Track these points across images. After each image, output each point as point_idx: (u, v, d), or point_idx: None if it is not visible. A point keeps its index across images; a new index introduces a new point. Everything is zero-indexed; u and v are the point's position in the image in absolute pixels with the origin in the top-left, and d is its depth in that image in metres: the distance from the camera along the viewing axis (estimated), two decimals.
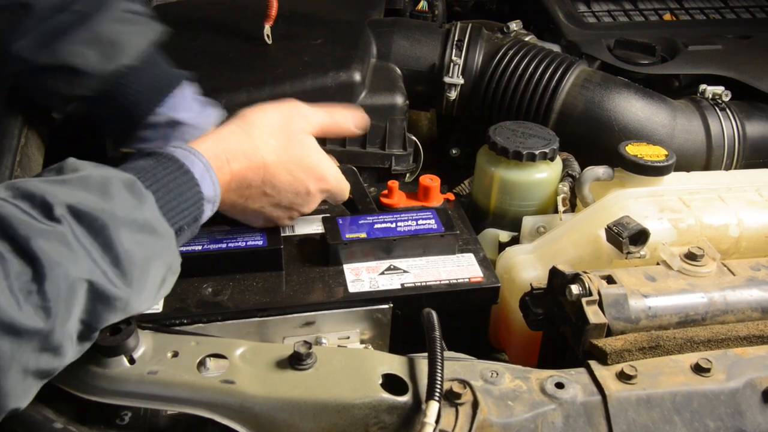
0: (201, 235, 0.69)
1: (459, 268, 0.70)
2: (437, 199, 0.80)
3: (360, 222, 0.72)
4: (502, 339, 0.77)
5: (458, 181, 0.87)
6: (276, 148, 0.64)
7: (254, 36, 0.90)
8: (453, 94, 0.91)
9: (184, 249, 0.66)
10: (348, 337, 0.67)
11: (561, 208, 0.79)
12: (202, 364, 0.54)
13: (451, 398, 0.52)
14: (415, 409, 0.52)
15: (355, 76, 0.84)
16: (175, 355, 0.54)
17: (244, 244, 0.68)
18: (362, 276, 0.68)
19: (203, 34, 0.90)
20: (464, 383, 0.54)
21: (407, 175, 0.89)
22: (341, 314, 0.66)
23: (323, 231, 0.70)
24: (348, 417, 0.52)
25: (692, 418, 0.53)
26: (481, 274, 0.69)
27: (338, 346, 0.65)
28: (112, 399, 0.52)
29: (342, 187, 0.71)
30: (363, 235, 0.70)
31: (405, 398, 0.52)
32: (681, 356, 0.57)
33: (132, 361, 0.53)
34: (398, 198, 0.80)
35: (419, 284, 0.67)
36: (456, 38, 0.91)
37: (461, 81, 0.90)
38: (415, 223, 0.72)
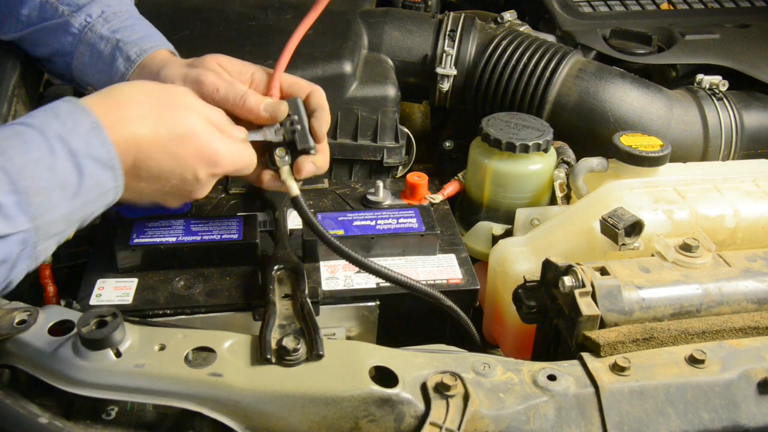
0: (176, 226, 0.68)
1: (438, 269, 0.69)
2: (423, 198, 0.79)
3: (339, 219, 0.71)
4: (496, 333, 0.77)
5: (451, 174, 0.86)
6: (154, 122, 0.53)
7: (243, 27, 0.89)
8: (445, 86, 0.90)
9: (158, 240, 0.66)
10: (334, 334, 0.67)
11: (559, 194, 0.78)
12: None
13: (441, 390, 0.52)
14: (406, 402, 0.51)
15: (346, 68, 0.83)
16: (162, 348, 0.53)
17: (219, 237, 0.67)
18: (338, 274, 0.67)
19: (191, 25, 0.89)
20: (455, 375, 0.53)
21: (399, 168, 0.89)
22: (327, 311, 0.65)
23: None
24: (337, 410, 0.51)
25: (686, 409, 0.53)
26: (460, 276, 0.69)
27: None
28: (98, 393, 0.52)
29: (244, 164, 0.61)
30: (341, 232, 0.69)
31: (395, 390, 0.52)
32: (675, 348, 0.57)
33: (118, 354, 0.52)
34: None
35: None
36: (448, 28, 0.90)
37: (454, 72, 0.89)
38: (395, 221, 0.71)
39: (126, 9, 0.74)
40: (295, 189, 0.63)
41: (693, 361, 0.55)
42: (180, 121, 0.55)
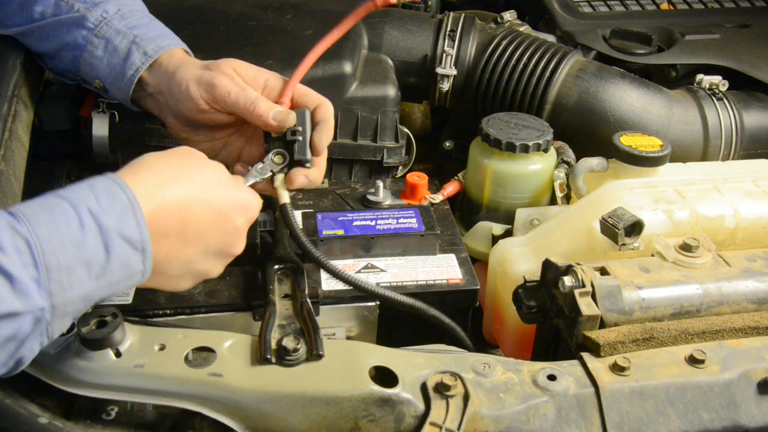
0: None
1: (438, 269, 0.69)
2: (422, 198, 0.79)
3: (339, 219, 0.72)
4: (496, 334, 0.77)
5: (451, 175, 0.86)
6: (187, 181, 0.53)
7: (243, 27, 0.89)
8: (445, 86, 0.90)
9: None
10: (334, 334, 0.67)
11: (559, 194, 0.78)
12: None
13: (441, 390, 0.52)
14: (406, 402, 0.51)
15: (346, 68, 0.83)
16: (162, 348, 0.54)
17: None
18: None
19: (191, 25, 0.89)
20: (455, 375, 0.53)
21: (399, 168, 0.89)
22: (327, 311, 0.65)
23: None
24: (337, 410, 0.51)
25: (686, 409, 0.53)
26: (460, 276, 0.69)
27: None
28: (98, 393, 0.52)
29: (261, 205, 0.61)
30: (341, 232, 0.69)
31: (395, 390, 0.52)
32: (675, 348, 0.57)
33: (118, 354, 0.52)
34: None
35: (395, 284, 0.67)
36: (448, 28, 0.90)
37: (454, 72, 0.89)
38: (395, 221, 0.71)
39: (140, 8, 0.74)
40: (285, 197, 0.63)
41: (693, 361, 0.55)
42: (208, 176, 0.55)
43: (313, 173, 0.65)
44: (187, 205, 0.52)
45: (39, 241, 0.44)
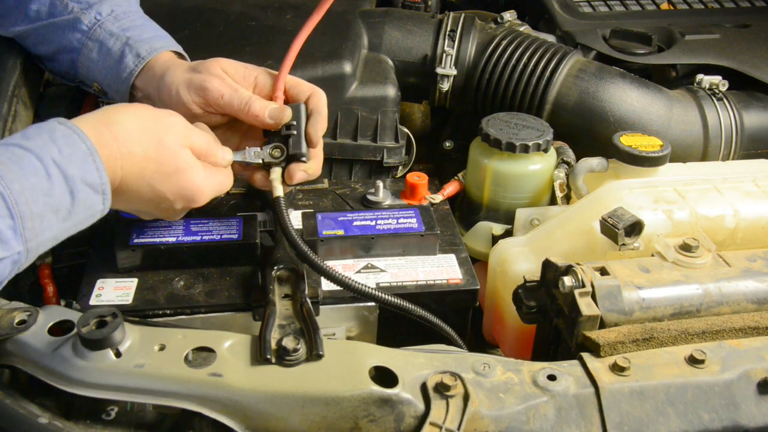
0: (176, 226, 0.68)
1: (438, 269, 0.69)
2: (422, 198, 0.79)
3: (339, 219, 0.72)
4: (496, 334, 0.77)
5: (451, 175, 0.86)
6: (143, 159, 0.56)
7: (243, 27, 0.89)
8: (445, 86, 0.90)
9: (157, 240, 0.66)
10: (334, 334, 0.67)
11: (559, 194, 0.78)
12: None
13: (441, 390, 0.52)
14: (406, 402, 0.51)
15: (346, 68, 0.83)
16: (162, 348, 0.54)
17: (219, 237, 0.68)
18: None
19: (191, 25, 0.90)
20: (455, 375, 0.53)
21: (399, 168, 0.89)
22: (327, 311, 0.65)
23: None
24: (337, 410, 0.51)
25: (686, 409, 0.53)
26: (460, 276, 0.69)
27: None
28: (98, 393, 0.52)
29: (222, 192, 0.63)
30: (341, 232, 0.69)
31: (395, 390, 0.52)
32: (675, 348, 0.57)
33: (118, 354, 0.52)
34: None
35: (395, 284, 0.67)
36: (448, 28, 0.90)
37: (454, 72, 0.89)
38: (395, 221, 0.71)
39: (134, 9, 0.74)
40: (278, 190, 0.64)
41: (693, 361, 0.55)
42: (168, 161, 0.57)
43: (311, 166, 0.66)
44: (128, 179, 0.56)
45: (12, 194, 0.48)
